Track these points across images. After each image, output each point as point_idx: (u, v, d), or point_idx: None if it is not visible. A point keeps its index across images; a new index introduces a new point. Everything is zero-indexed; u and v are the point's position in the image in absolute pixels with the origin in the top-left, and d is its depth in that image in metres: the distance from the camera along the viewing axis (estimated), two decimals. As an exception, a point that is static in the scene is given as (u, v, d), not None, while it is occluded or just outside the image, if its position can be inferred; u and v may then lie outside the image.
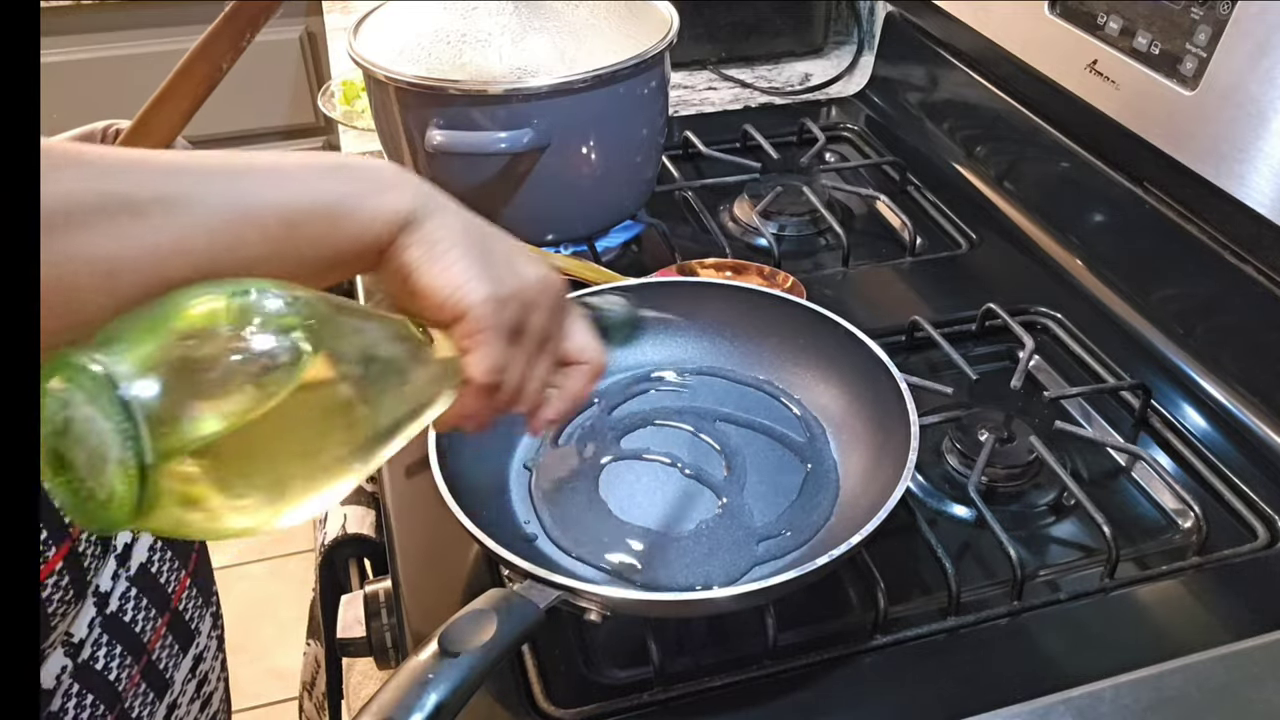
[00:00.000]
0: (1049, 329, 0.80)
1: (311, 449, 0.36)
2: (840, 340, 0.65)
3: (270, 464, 0.35)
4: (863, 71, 1.21)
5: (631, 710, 0.52)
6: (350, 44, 0.78)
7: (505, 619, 0.44)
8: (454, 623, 0.44)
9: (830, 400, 0.66)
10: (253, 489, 0.35)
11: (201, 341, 0.33)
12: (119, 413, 0.30)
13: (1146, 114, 0.75)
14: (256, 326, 0.34)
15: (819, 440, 0.64)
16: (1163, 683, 0.50)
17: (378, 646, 0.59)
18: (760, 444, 0.64)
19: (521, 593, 0.47)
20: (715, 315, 0.70)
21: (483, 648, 0.43)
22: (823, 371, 0.67)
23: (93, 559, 0.59)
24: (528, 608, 0.46)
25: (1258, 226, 0.68)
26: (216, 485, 0.33)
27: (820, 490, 0.61)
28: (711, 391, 0.68)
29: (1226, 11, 0.67)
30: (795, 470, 0.63)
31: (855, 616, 0.57)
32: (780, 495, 0.61)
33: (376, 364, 0.39)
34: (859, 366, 0.63)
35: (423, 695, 0.40)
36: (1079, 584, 0.59)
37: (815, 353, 0.67)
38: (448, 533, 0.62)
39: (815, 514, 0.60)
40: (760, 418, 0.66)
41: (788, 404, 0.67)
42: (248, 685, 1.44)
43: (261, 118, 1.66)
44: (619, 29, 0.80)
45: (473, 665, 0.42)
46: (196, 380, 0.33)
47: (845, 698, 0.53)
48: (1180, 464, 0.68)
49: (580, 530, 0.59)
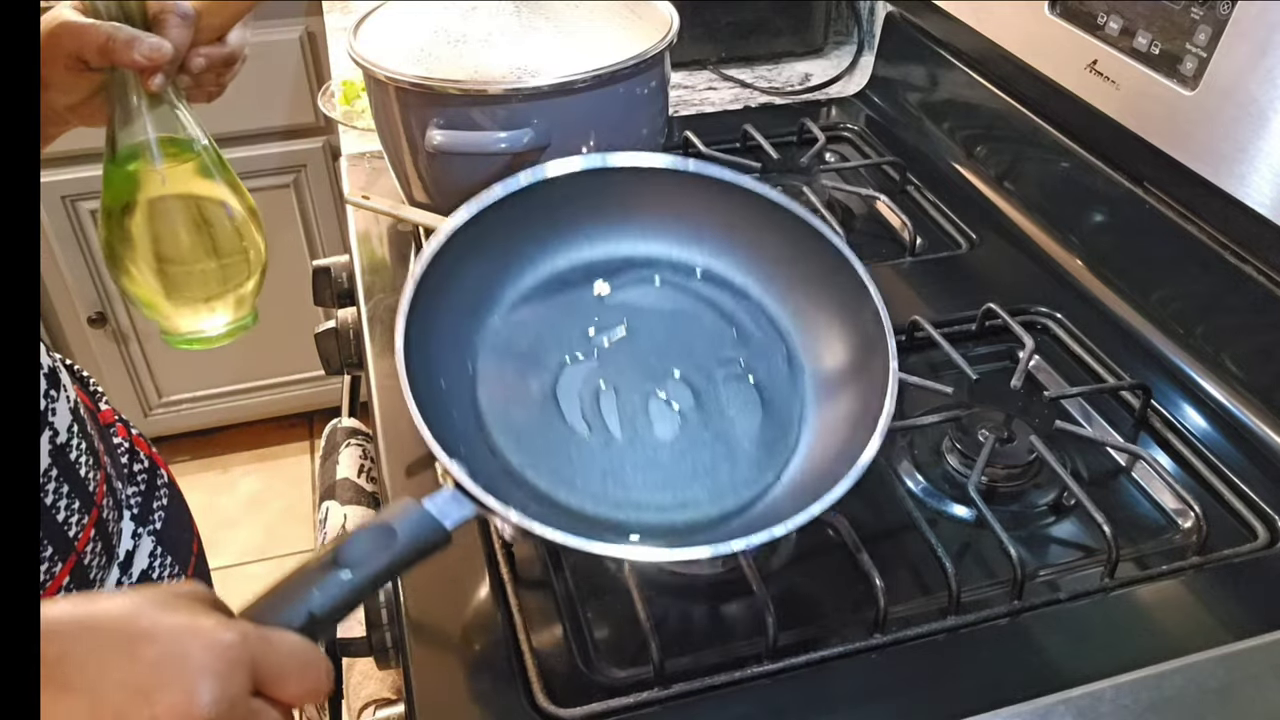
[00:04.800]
0: (1049, 329, 0.80)
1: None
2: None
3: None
4: (863, 71, 1.21)
5: (631, 710, 0.52)
6: (350, 44, 0.78)
7: (407, 538, 0.44)
8: (354, 538, 0.44)
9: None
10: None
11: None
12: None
13: (1146, 114, 0.75)
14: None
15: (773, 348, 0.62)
16: (1163, 683, 0.50)
17: (378, 646, 0.59)
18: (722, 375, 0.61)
19: (434, 508, 0.46)
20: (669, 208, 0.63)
21: (372, 568, 0.43)
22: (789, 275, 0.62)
23: (98, 570, 0.59)
24: (434, 528, 0.46)
25: (1258, 226, 0.68)
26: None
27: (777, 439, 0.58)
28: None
29: (1226, 11, 0.67)
30: (754, 408, 0.60)
31: (855, 616, 0.57)
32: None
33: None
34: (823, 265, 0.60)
35: (299, 606, 0.41)
36: (1079, 584, 0.59)
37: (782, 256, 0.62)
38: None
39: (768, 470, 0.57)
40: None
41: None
42: (248, 685, 1.43)
43: (261, 118, 1.66)
44: (619, 29, 0.80)
45: (356, 586, 0.43)
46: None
47: (845, 698, 0.53)
48: (1180, 464, 0.68)
49: (534, 443, 0.56)
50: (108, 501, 0.64)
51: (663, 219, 0.63)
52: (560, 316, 0.61)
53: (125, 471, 0.70)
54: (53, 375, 0.61)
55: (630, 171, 0.61)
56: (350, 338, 0.86)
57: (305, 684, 0.41)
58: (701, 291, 0.63)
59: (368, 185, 0.97)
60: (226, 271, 0.66)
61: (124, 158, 0.61)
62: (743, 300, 0.63)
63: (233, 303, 0.67)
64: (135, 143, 0.61)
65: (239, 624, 0.39)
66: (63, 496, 0.58)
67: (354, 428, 0.93)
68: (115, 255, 0.63)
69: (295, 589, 0.42)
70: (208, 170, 0.64)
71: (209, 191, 0.64)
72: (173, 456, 1.94)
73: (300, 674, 0.41)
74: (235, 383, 1.93)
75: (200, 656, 0.37)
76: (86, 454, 0.62)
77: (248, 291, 0.67)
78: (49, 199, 1.62)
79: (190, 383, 1.90)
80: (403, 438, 0.69)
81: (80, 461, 0.61)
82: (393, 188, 0.89)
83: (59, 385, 0.61)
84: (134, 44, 0.56)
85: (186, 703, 0.36)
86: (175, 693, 0.36)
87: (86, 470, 0.61)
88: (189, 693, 0.37)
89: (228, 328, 0.67)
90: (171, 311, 0.65)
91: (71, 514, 0.59)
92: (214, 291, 0.65)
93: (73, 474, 0.60)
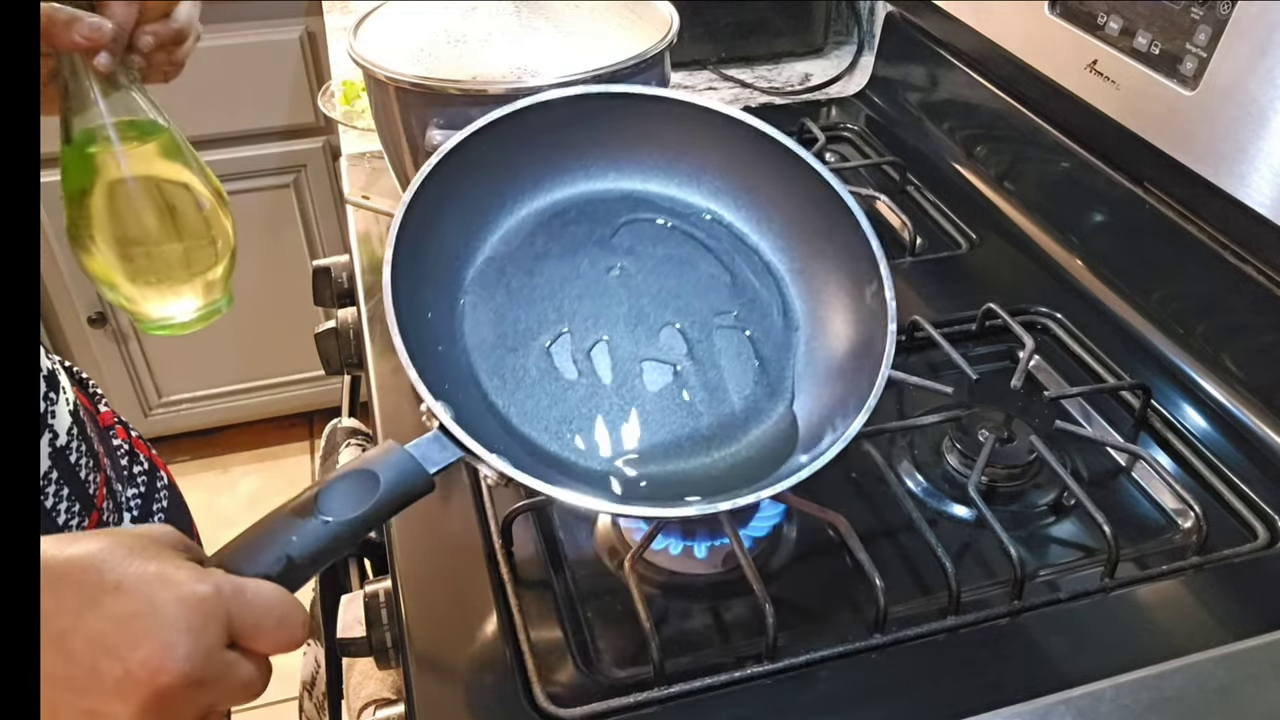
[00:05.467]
0: (1049, 329, 0.80)
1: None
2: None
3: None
4: (863, 71, 1.21)
5: (631, 710, 0.52)
6: (350, 44, 0.78)
7: (389, 483, 0.43)
8: (334, 484, 0.42)
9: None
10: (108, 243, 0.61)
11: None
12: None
13: (1146, 114, 0.75)
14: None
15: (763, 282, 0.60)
16: (1163, 683, 0.50)
17: (378, 646, 0.59)
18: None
19: (417, 452, 0.45)
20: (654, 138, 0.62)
21: (352, 514, 0.42)
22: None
23: None
24: (416, 473, 0.44)
25: (1258, 226, 0.68)
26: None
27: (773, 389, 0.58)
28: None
29: (1226, 11, 0.67)
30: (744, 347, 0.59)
31: (855, 616, 0.57)
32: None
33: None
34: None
35: (275, 551, 0.40)
36: (1079, 584, 0.59)
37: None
38: (448, 533, 0.62)
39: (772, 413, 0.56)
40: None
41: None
42: (248, 685, 1.43)
43: (261, 118, 1.66)
44: (619, 29, 0.80)
45: (336, 535, 0.41)
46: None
47: (845, 697, 0.53)
48: (1180, 464, 0.68)
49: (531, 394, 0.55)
50: (108, 504, 0.64)
51: (663, 157, 0.61)
52: (555, 254, 0.59)
53: (125, 473, 0.70)
54: (51, 377, 0.61)
55: (631, 104, 0.59)
56: (350, 338, 0.86)
57: (281, 636, 0.40)
58: (699, 235, 0.61)
59: (368, 185, 0.97)
60: (192, 255, 0.65)
61: (81, 142, 0.60)
62: (740, 246, 0.61)
63: (201, 287, 0.66)
64: (92, 127, 0.60)
65: (213, 574, 0.38)
66: (63, 499, 0.58)
67: (354, 428, 0.93)
68: (80, 241, 0.62)
69: (271, 534, 0.41)
70: (169, 153, 0.63)
71: (171, 174, 0.63)
72: (173, 457, 1.94)
73: (276, 626, 0.40)
74: (235, 383, 1.93)
75: (173, 610, 0.37)
76: (86, 456, 0.62)
77: (217, 276, 0.66)
78: (49, 199, 1.62)
79: (190, 383, 1.90)
80: (403, 438, 0.69)
81: (80, 464, 0.61)
82: (393, 188, 0.89)
83: (58, 387, 0.61)
84: (73, 24, 0.55)
85: (160, 658, 0.36)
86: (148, 648, 0.36)
87: (86, 472, 0.61)
88: (162, 648, 0.36)
89: (198, 313, 0.66)
90: (138, 296, 0.64)
91: (72, 516, 0.59)
92: (180, 275, 0.65)
93: (73, 476, 0.60)
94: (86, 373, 0.74)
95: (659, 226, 0.61)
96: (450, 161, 0.54)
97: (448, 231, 0.56)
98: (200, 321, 0.67)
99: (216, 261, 0.66)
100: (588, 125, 0.60)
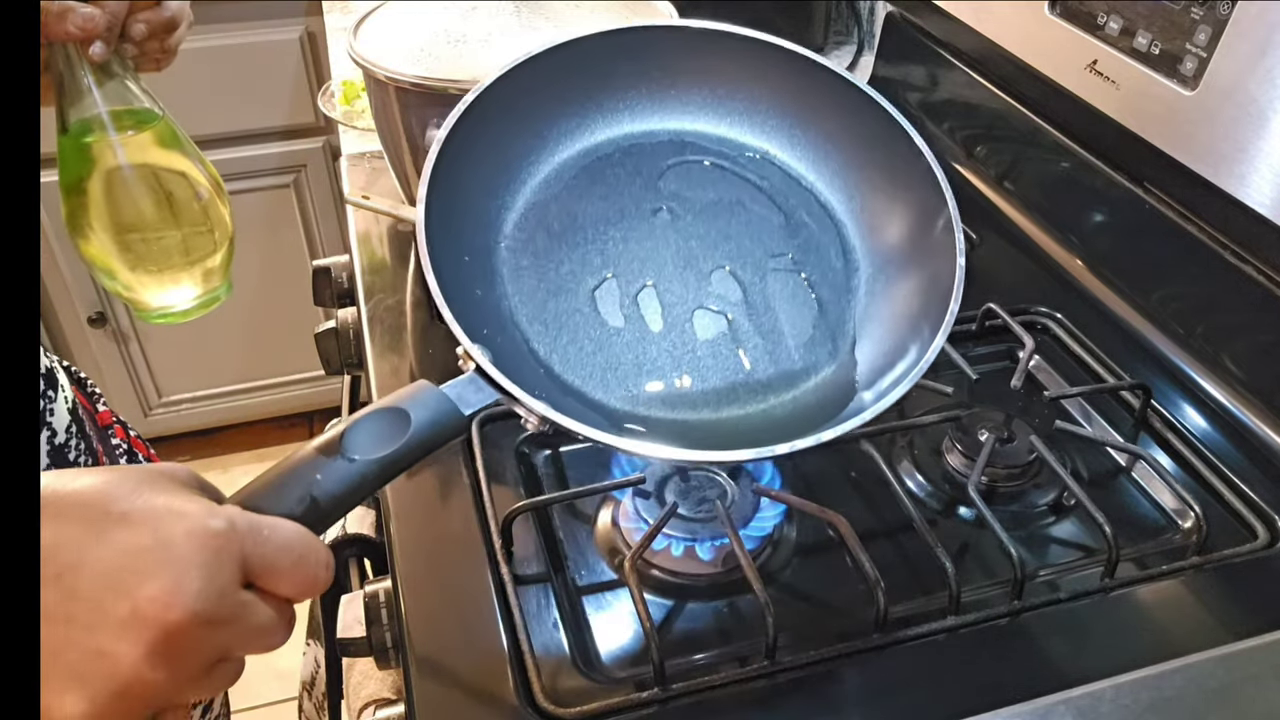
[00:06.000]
0: (1049, 329, 0.80)
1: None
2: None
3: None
4: (863, 71, 1.21)
5: (631, 710, 0.52)
6: (350, 44, 0.78)
7: (421, 424, 0.40)
8: (361, 421, 0.40)
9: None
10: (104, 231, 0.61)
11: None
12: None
13: (1146, 114, 0.75)
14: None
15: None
16: (1163, 683, 0.50)
17: (378, 646, 0.59)
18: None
19: (453, 393, 0.42)
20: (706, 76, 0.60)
21: (381, 455, 0.39)
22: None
23: None
24: (451, 414, 0.41)
25: (1258, 226, 0.68)
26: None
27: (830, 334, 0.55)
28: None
29: (1226, 11, 0.67)
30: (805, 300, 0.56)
31: (855, 616, 0.57)
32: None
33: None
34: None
35: (298, 490, 0.38)
36: (1079, 584, 0.59)
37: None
38: (448, 533, 0.62)
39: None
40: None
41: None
42: (247, 685, 1.43)
43: (261, 118, 1.66)
44: (619, 29, 0.80)
45: (364, 474, 0.39)
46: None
47: (845, 697, 0.53)
48: (1180, 464, 0.68)
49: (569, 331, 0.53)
50: (107, 502, 0.63)
51: (712, 94, 0.59)
52: (599, 196, 0.56)
53: (125, 472, 0.70)
54: (50, 376, 0.61)
55: (676, 39, 0.57)
56: (350, 338, 0.86)
57: (301, 577, 0.37)
58: (750, 176, 0.59)
59: (368, 185, 0.97)
60: (190, 243, 0.65)
61: (77, 132, 0.60)
62: (795, 186, 0.59)
63: (200, 275, 0.66)
64: (87, 116, 0.60)
65: (228, 509, 0.36)
66: None
67: (354, 428, 0.93)
68: (79, 229, 0.63)
69: (295, 473, 0.38)
70: (165, 141, 0.63)
71: (168, 162, 0.64)
72: (173, 456, 1.94)
73: (296, 566, 0.37)
74: (235, 383, 1.93)
75: (184, 544, 0.34)
76: (85, 455, 0.62)
77: (216, 264, 0.66)
78: (49, 199, 1.62)
79: (190, 383, 1.90)
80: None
81: (79, 463, 0.61)
82: (393, 188, 0.89)
83: (56, 386, 0.61)
84: (66, 15, 0.55)
85: (169, 595, 0.33)
86: (157, 584, 0.33)
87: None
88: (172, 584, 0.33)
89: (197, 301, 0.67)
90: (137, 284, 0.64)
91: None
92: (179, 263, 0.65)
93: (72, 474, 0.60)
94: (86, 373, 0.74)
95: (706, 168, 0.59)
96: (486, 100, 0.52)
97: (486, 174, 0.54)
98: (199, 310, 0.67)
99: (215, 249, 0.66)
100: (630, 62, 0.57)
